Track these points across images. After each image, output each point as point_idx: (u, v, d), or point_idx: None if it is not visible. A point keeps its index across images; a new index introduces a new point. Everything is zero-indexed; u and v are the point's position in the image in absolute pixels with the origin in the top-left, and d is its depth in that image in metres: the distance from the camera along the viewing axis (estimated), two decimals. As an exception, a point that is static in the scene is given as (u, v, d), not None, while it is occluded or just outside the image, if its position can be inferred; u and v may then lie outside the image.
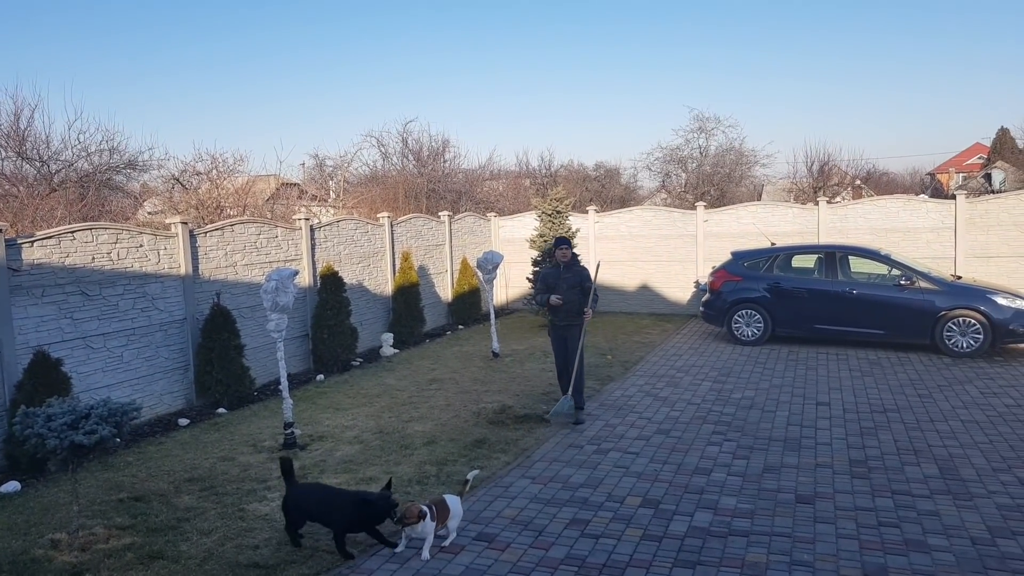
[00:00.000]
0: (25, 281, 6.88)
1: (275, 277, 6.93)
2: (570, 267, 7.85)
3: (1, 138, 14.17)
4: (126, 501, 5.75)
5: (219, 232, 9.26)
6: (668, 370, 10.17)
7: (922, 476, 5.98)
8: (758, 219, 14.58)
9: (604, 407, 8.31)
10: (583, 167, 29.66)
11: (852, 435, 7.10)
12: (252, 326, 9.42)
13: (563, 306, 7.70)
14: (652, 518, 5.27)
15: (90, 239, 7.55)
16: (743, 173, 28.27)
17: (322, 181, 25.03)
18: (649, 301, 15.54)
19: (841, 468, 6.20)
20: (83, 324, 7.42)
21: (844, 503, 5.46)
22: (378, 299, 12.55)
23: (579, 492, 5.78)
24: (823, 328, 11.40)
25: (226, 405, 8.61)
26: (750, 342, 11.76)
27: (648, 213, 15.97)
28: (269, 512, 5.47)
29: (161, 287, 8.34)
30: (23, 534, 5.18)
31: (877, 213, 13.86)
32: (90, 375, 7.46)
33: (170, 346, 8.46)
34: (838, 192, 25.70)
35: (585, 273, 7.88)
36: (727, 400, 8.50)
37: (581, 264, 8.06)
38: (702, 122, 27.76)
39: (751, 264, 12.13)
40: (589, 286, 7.81)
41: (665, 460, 6.47)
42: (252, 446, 7.13)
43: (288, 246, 10.43)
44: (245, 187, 16.57)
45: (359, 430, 7.58)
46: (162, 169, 17.13)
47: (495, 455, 6.71)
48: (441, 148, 24.37)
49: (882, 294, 11.03)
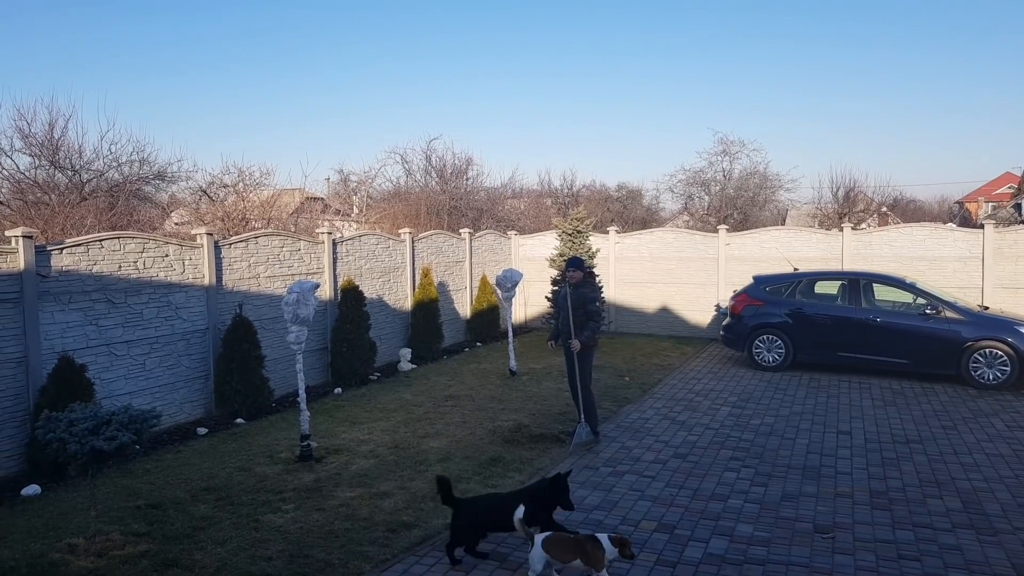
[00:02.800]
0: (53, 287, 7.01)
1: (297, 289, 7.01)
2: (577, 288, 7.83)
3: (35, 147, 14.53)
4: (143, 508, 5.80)
5: (244, 244, 9.38)
6: (686, 393, 10.09)
7: (945, 509, 5.85)
8: (781, 244, 14.48)
9: (620, 429, 8.25)
10: (605, 187, 29.74)
11: (873, 465, 6.97)
12: (272, 337, 9.50)
13: (564, 329, 7.75)
14: (667, 543, 5.20)
15: (117, 248, 7.68)
16: (767, 197, 28.14)
17: (346, 196, 25.31)
18: (668, 323, 15.45)
19: (861, 499, 6.09)
20: (108, 331, 7.54)
21: (864, 534, 5.36)
22: (397, 314, 12.61)
23: (593, 514, 5.73)
24: (846, 356, 11.25)
25: (244, 415, 8.67)
26: (771, 368, 11.64)
27: (670, 235, 15.92)
28: (283, 524, 5.48)
29: (185, 296, 8.45)
30: (41, 537, 5.24)
31: (903, 241, 13.69)
32: (113, 382, 7.57)
33: (192, 355, 8.56)
34: (863, 219, 25.46)
35: (589, 296, 7.80)
36: (746, 426, 8.40)
37: (593, 285, 7.92)
38: (726, 145, 27.75)
39: (773, 289, 12.03)
40: (591, 308, 7.68)
41: (681, 485, 6.40)
42: (269, 457, 7.16)
43: (310, 259, 10.53)
44: (270, 200, 16.81)
45: (375, 444, 7.59)
46: (190, 181, 17.47)
47: (510, 474, 6.68)
48: (464, 166, 24.60)
49: (907, 323, 10.87)
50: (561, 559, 4.46)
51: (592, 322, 7.71)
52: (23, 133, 14.36)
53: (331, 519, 5.59)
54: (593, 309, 7.73)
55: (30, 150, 14.56)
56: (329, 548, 5.07)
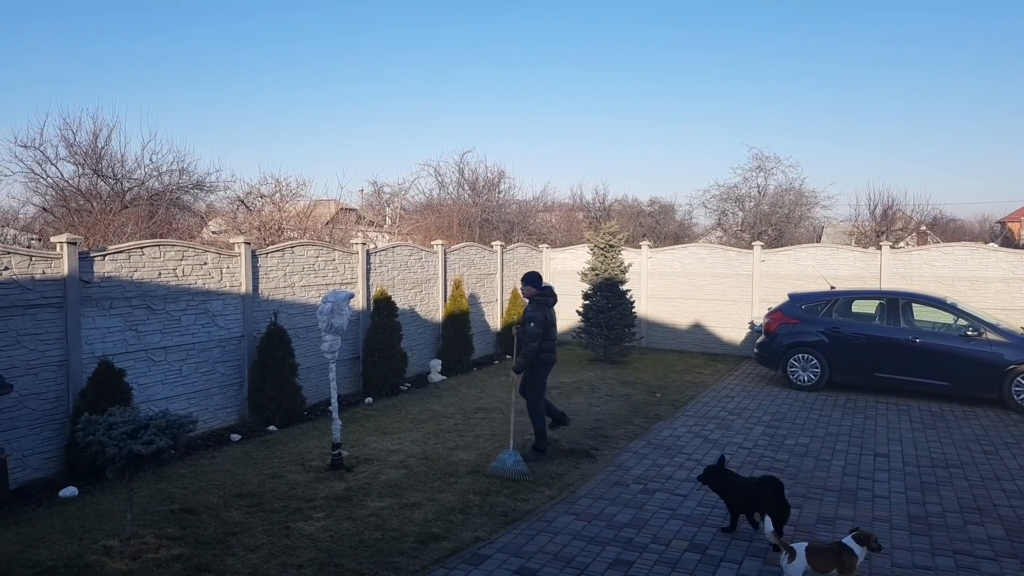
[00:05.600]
0: (95, 293, 7.18)
1: (331, 299, 7.08)
2: (528, 303, 7.75)
3: (80, 156, 14.96)
4: (177, 512, 5.88)
5: (280, 253, 9.52)
6: (719, 412, 9.95)
7: (986, 536, 5.67)
8: (817, 261, 14.26)
9: (652, 446, 8.16)
10: (637, 202, 29.60)
11: (912, 489, 6.79)
12: (305, 346, 9.60)
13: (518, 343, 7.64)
14: (698, 563, 5.12)
15: (158, 255, 7.85)
16: (802, 214, 27.75)
17: (379, 207, 25.59)
18: (701, 340, 15.28)
19: (899, 523, 5.93)
20: (146, 337, 7.69)
21: (902, 560, 5.21)
22: (428, 325, 12.66)
23: (624, 532, 5.67)
24: (884, 377, 11.00)
25: (277, 423, 8.76)
26: (806, 387, 11.43)
27: (703, 250, 15.78)
28: (314, 532, 5.51)
29: (222, 304, 8.59)
30: (78, 538, 5.33)
31: (944, 260, 13.40)
32: (150, 387, 7.70)
33: (227, 362, 8.68)
34: (902, 237, 24.97)
35: (529, 315, 7.46)
36: (780, 446, 8.25)
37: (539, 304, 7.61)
38: (761, 161, 27.47)
39: (809, 307, 11.84)
40: (528, 328, 7.33)
41: (714, 504, 6.29)
42: (300, 465, 7.22)
43: (344, 269, 10.64)
44: (306, 211, 17.05)
45: (404, 455, 7.61)
46: (228, 191, 17.83)
47: (539, 489, 6.64)
48: (496, 179, 24.72)
49: (947, 344, 10.62)
50: (820, 569, 4.41)
51: (525, 345, 7.38)
52: (68, 142, 14.82)
53: (361, 528, 5.60)
54: (527, 330, 7.36)
55: (74, 159, 15.01)
56: (359, 557, 5.08)
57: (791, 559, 4.45)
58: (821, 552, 4.47)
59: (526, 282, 7.89)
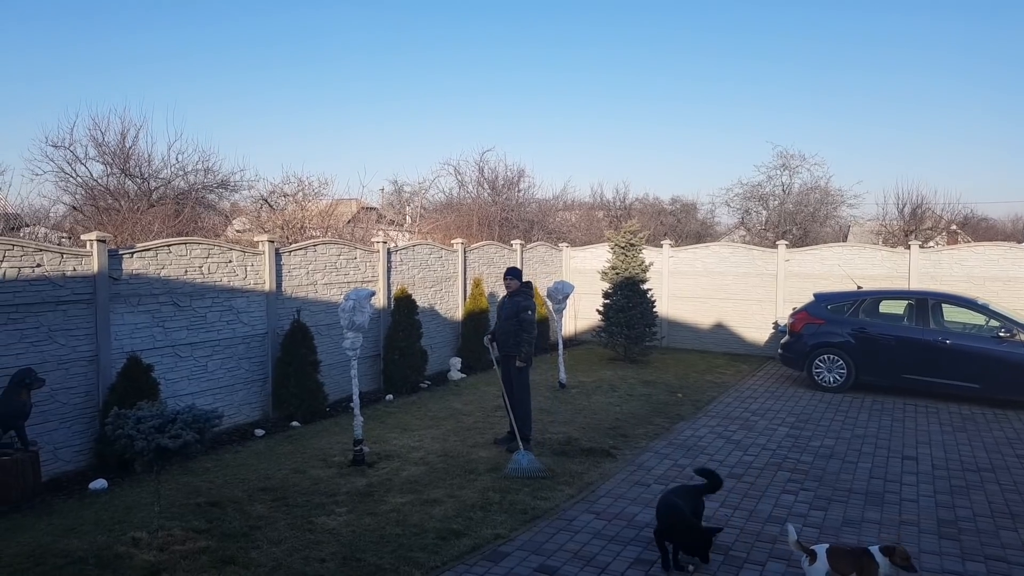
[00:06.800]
0: (124, 290, 7.29)
1: (353, 297, 7.13)
2: (512, 296, 7.92)
3: (108, 155, 15.20)
4: (203, 506, 5.95)
5: (303, 251, 9.60)
6: (742, 412, 9.86)
7: (1020, 542, 5.56)
8: (843, 261, 14.07)
9: (673, 446, 8.10)
10: (659, 200, 29.37)
11: (941, 493, 6.68)
12: (328, 343, 9.67)
13: (499, 336, 7.87)
14: (721, 565, 5.08)
15: (184, 253, 7.95)
16: (828, 213, 27.35)
17: (400, 206, 25.69)
18: (723, 340, 15.15)
19: (928, 527, 5.84)
20: (173, 333, 7.80)
21: (931, 564, 5.12)
22: (448, 323, 12.70)
23: (644, 532, 5.63)
24: (912, 378, 10.82)
25: (300, 419, 8.84)
26: (832, 388, 11.28)
27: (726, 250, 15.64)
28: (336, 527, 5.55)
29: (246, 301, 8.68)
30: (108, 530, 5.42)
31: (975, 260, 13.15)
32: (176, 382, 7.81)
33: (251, 359, 8.77)
34: (931, 236, 24.53)
35: (523, 304, 7.79)
36: (804, 447, 8.15)
37: (527, 295, 7.93)
38: (786, 159, 27.09)
39: (835, 307, 11.69)
40: (524, 317, 7.67)
41: (736, 506, 6.24)
42: (323, 460, 7.28)
43: (366, 267, 10.71)
44: (328, 209, 17.17)
45: (425, 452, 7.64)
46: (252, 190, 18.00)
47: (559, 487, 6.62)
48: (516, 178, 24.65)
49: (978, 346, 10.42)
50: (841, 571, 4.39)
51: (525, 333, 7.73)
52: (97, 142, 15.06)
53: (382, 524, 5.63)
54: (526, 318, 7.72)
55: (103, 158, 15.24)
56: (380, 552, 5.11)
57: (812, 561, 4.41)
58: (842, 555, 4.42)
59: (511, 275, 8.13)
